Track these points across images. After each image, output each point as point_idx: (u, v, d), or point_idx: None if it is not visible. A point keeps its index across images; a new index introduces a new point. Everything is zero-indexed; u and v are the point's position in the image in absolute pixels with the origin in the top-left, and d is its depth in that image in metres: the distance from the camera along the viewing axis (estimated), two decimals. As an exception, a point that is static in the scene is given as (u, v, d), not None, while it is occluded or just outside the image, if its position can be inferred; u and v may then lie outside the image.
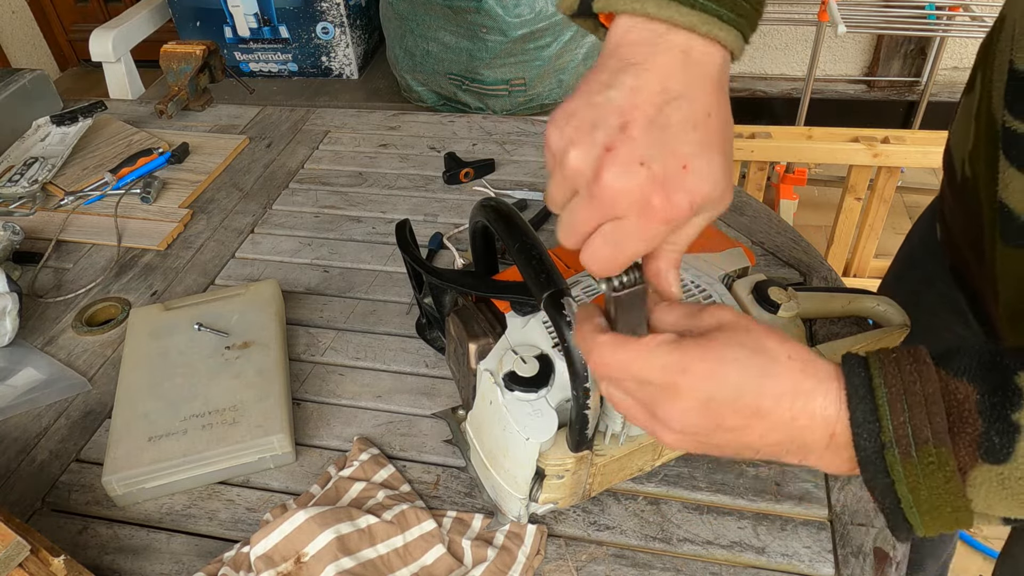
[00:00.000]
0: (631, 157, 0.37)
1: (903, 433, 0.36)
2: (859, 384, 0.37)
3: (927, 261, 0.78)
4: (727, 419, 0.39)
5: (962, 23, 2.09)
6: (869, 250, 2.02)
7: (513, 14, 1.59)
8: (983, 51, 0.60)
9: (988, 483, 0.36)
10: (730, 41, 0.39)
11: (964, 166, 0.62)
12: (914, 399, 0.36)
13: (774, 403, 0.38)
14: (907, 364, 0.37)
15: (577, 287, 0.64)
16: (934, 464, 0.36)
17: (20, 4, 3.20)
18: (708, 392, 0.39)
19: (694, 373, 0.39)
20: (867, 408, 0.37)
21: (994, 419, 0.36)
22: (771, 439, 0.40)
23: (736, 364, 0.39)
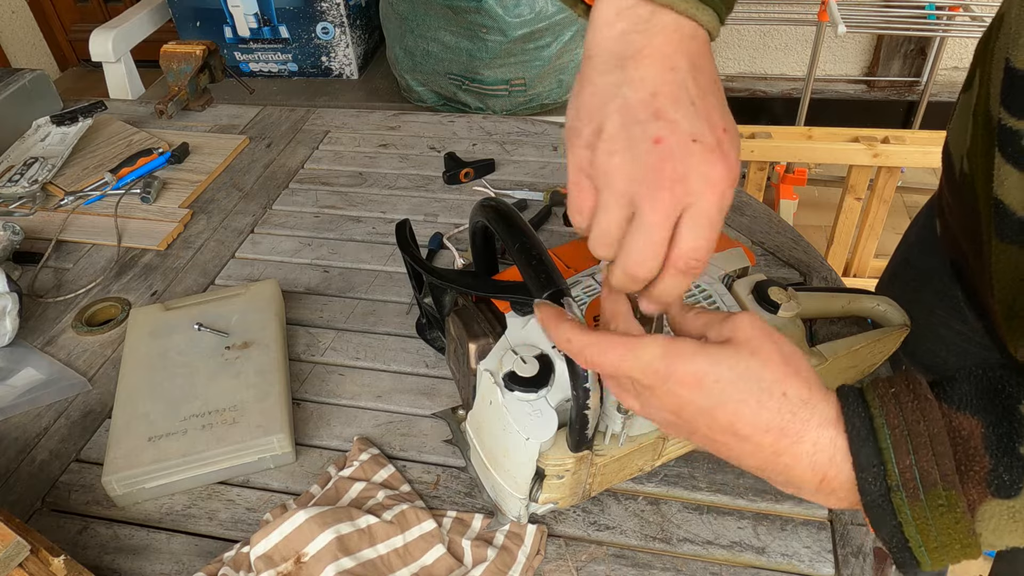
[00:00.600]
0: (684, 138, 0.37)
1: (910, 476, 0.35)
2: (860, 426, 0.37)
3: (925, 258, 0.79)
4: (700, 428, 0.39)
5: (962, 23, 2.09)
6: (869, 250, 2.02)
7: (513, 14, 1.59)
8: (981, 49, 0.60)
9: (998, 517, 0.36)
10: (706, 20, 0.39)
11: (962, 163, 0.62)
12: (919, 440, 0.35)
13: (752, 431, 0.38)
14: (908, 402, 0.36)
15: (577, 287, 0.64)
16: (944, 507, 0.35)
17: (20, 4, 3.20)
18: (684, 397, 0.39)
19: (672, 378, 0.39)
20: (870, 451, 0.36)
21: (1002, 454, 0.35)
22: (752, 463, 0.40)
23: (717, 384, 0.38)
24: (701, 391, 0.38)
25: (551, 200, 1.02)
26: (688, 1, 0.39)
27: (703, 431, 0.40)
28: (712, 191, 0.37)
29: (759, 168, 1.94)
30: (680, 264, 0.39)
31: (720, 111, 0.38)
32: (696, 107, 0.38)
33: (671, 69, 0.38)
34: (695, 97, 0.38)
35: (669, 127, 0.37)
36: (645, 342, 0.40)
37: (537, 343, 0.59)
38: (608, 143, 0.38)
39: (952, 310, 0.73)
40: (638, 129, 0.37)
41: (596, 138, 0.39)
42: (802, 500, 0.65)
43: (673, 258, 0.39)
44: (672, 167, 0.37)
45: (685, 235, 0.38)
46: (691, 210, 0.37)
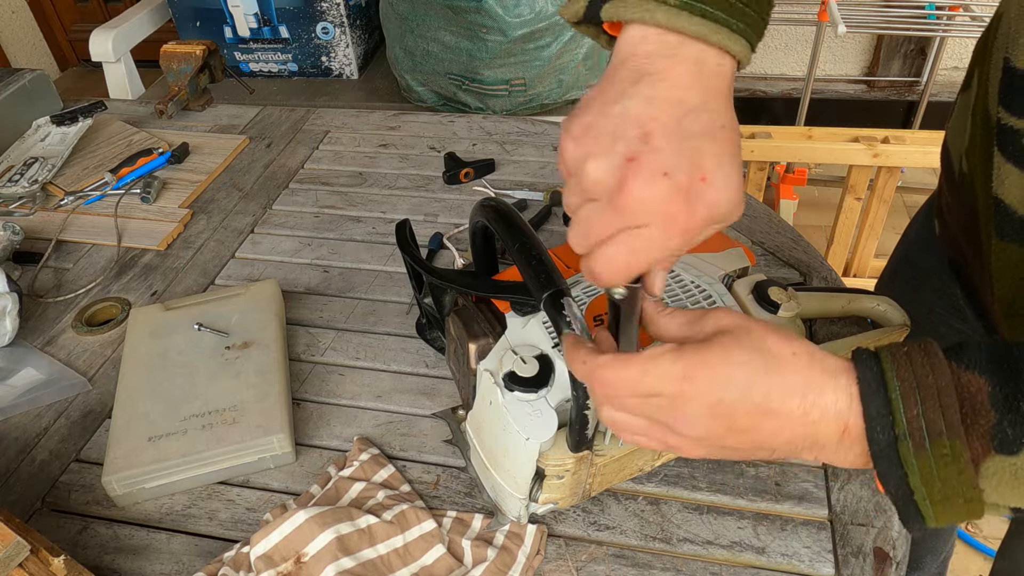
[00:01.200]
0: (656, 167, 0.37)
1: (916, 426, 0.36)
2: (871, 378, 0.38)
3: (924, 257, 0.79)
4: (738, 420, 0.39)
5: (962, 23, 2.09)
6: (869, 250, 2.02)
7: (513, 14, 1.59)
8: (980, 48, 0.60)
9: (1001, 474, 0.36)
10: (739, 51, 0.40)
11: (961, 162, 0.62)
12: (927, 392, 0.36)
13: (782, 400, 0.39)
14: (919, 357, 0.37)
15: (577, 287, 0.64)
16: (948, 456, 0.36)
17: (20, 4, 3.20)
18: (715, 395, 0.39)
19: (699, 378, 0.39)
20: (880, 401, 0.37)
21: (1007, 410, 0.36)
22: (784, 436, 0.40)
23: (740, 366, 0.39)
24: (727, 382, 0.39)
25: (551, 200, 1.02)
26: (720, 33, 0.39)
27: (740, 421, 0.39)
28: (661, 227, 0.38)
29: (759, 168, 1.94)
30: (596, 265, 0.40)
31: (713, 158, 0.38)
32: (687, 144, 0.38)
33: (679, 101, 0.38)
34: (693, 134, 0.38)
35: (649, 152, 0.37)
36: (659, 353, 0.40)
37: (537, 343, 0.59)
38: (590, 141, 0.39)
39: (952, 308, 0.73)
40: (621, 143, 0.38)
41: (583, 133, 0.39)
42: (802, 500, 0.65)
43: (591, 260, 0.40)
44: (633, 189, 0.37)
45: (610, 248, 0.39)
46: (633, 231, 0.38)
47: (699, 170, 0.38)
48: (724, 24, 0.39)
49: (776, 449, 0.41)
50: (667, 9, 0.39)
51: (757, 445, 0.41)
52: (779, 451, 0.41)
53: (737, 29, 0.40)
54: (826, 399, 0.38)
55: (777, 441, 0.40)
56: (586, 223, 0.40)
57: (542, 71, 1.69)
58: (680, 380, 0.39)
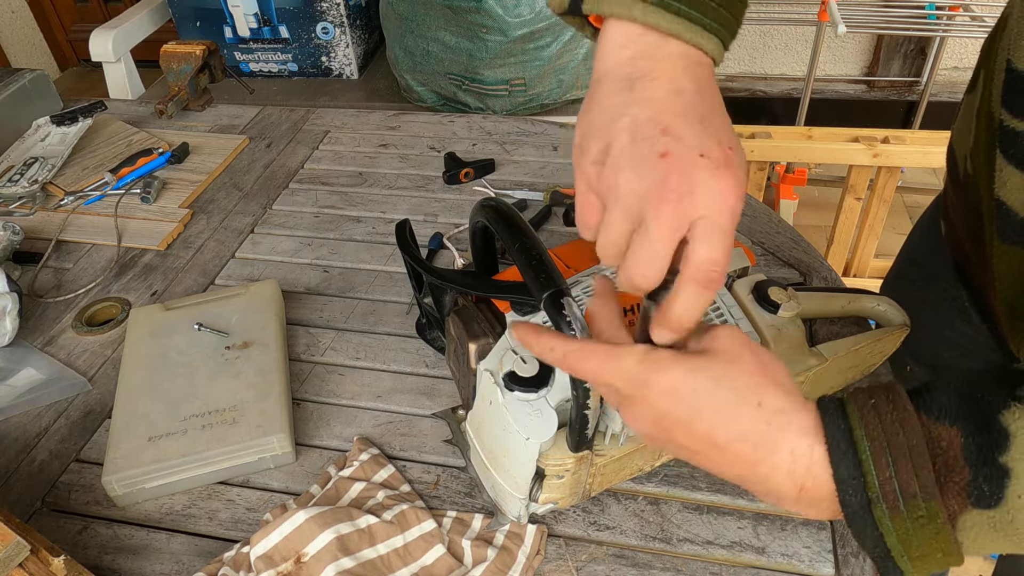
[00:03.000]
0: (690, 152, 0.37)
1: (890, 488, 0.35)
2: (840, 437, 0.37)
3: (930, 258, 0.78)
4: (678, 437, 0.40)
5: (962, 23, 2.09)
6: (869, 250, 2.02)
7: (513, 14, 1.59)
8: (986, 49, 0.60)
9: (979, 527, 0.36)
10: (711, 49, 0.40)
11: (966, 163, 0.62)
12: (898, 452, 0.35)
13: (728, 441, 0.38)
14: (887, 413, 0.36)
15: (577, 287, 0.64)
16: (924, 518, 0.35)
17: (20, 4, 3.20)
18: (661, 408, 0.39)
19: (651, 388, 0.39)
20: (850, 463, 0.36)
21: (981, 464, 0.35)
22: (732, 473, 0.40)
23: (695, 393, 0.39)
24: (678, 400, 0.39)
25: (551, 200, 1.02)
26: (693, 31, 0.39)
27: (681, 441, 0.40)
28: (722, 203, 0.37)
29: (759, 168, 1.94)
30: (700, 276, 0.38)
31: (727, 131, 0.39)
32: (704, 125, 0.38)
33: (678, 91, 0.39)
34: (703, 115, 0.39)
35: (675, 142, 0.37)
36: (624, 351, 0.40)
37: (537, 343, 0.59)
38: (615, 159, 0.38)
39: (956, 310, 0.73)
40: (645, 145, 0.37)
41: (603, 155, 0.39)
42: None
43: (691, 272, 0.38)
44: (677, 179, 0.37)
45: (698, 247, 0.38)
46: (702, 222, 0.37)
47: (724, 141, 0.38)
48: (697, 23, 0.39)
49: (728, 479, 0.41)
50: (644, 6, 0.39)
51: (705, 467, 0.41)
52: (733, 481, 0.41)
53: (710, 28, 0.40)
54: (777, 458, 0.38)
55: (725, 473, 0.40)
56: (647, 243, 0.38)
57: (542, 71, 1.69)
58: (634, 383, 0.40)
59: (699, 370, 0.39)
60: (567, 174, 1.10)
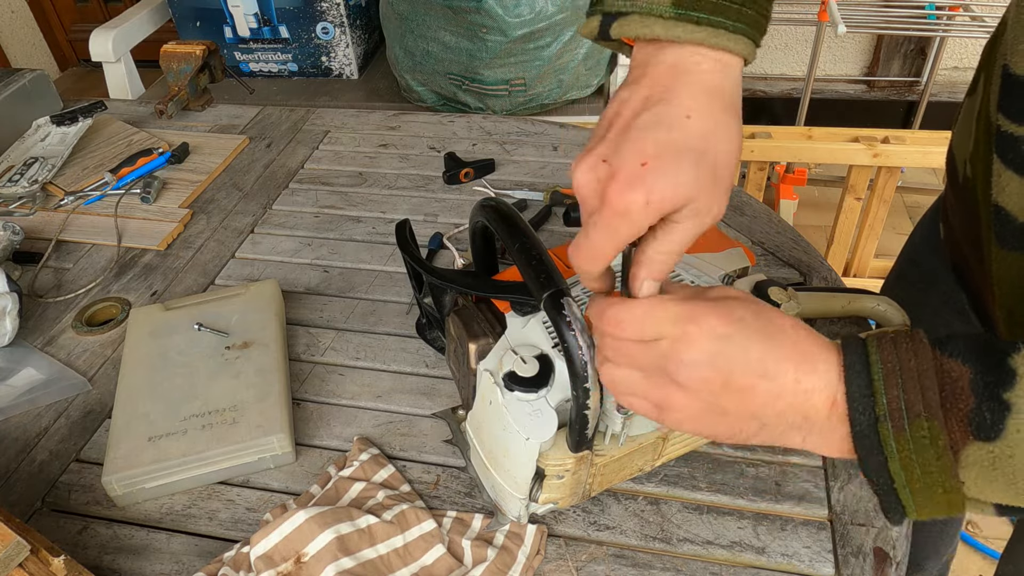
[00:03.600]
0: (597, 155, 0.41)
1: (896, 407, 0.37)
2: (856, 360, 0.39)
3: (929, 260, 0.78)
4: (735, 376, 0.40)
5: (962, 23, 2.09)
6: (869, 250, 2.02)
7: (513, 14, 1.59)
8: (987, 52, 0.60)
9: (979, 463, 0.37)
10: (741, 49, 0.42)
11: (965, 167, 0.62)
12: (908, 374, 0.37)
13: (778, 365, 0.40)
14: (904, 343, 0.38)
15: (577, 287, 0.64)
16: (926, 439, 0.37)
17: (20, 4, 3.20)
18: (716, 344, 0.40)
19: (703, 323, 0.40)
20: (863, 382, 0.38)
21: (986, 396, 0.36)
22: (776, 406, 0.40)
23: (742, 323, 0.40)
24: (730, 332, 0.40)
25: (551, 200, 1.02)
26: (717, 36, 0.41)
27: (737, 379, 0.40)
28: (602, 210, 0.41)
29: (759, 168, 1.94)
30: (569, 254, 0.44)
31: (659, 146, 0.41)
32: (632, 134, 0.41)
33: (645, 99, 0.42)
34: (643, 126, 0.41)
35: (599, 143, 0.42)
36: (666, 298, 0.42)
37: (537, 343, 0.59)
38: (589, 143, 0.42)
39: (957, 313, 0.73)
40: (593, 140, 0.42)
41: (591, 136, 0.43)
42: (802, 500, 0.65)
43: None
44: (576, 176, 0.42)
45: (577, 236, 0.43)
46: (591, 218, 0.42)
47: (640, 157, 0.39)
48: (720, 27, 0.41)
49: (766, 423, 0.41)
50: (664, 22, 0.41)
51: (750, 413, 0.41)
52: (769, 426, 0.41)
53: (735, 29, 0.41)
54: (817, 371, 0.39)
55: (769, 411, 0.40)
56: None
57: (542, 71, 1.69)
58: (685, 321, 0.40)
59: (734, 306, 0.41)
60: (567, 174, 1.10)
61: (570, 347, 0.48)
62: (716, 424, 0.42)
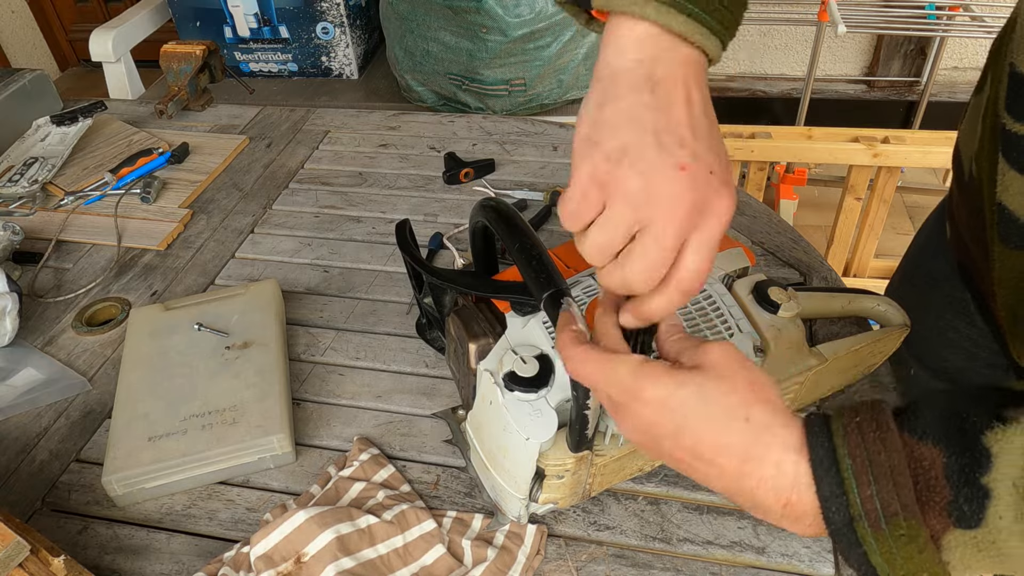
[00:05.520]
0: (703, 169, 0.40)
1: (871, 507, 0.35)
2: (824, 456, 0.37)
3: (934, 261, 0.78)
4: (665, 448, 0.41)
5: (962, 23, 2.10)
6: (869, 250, 2.02)
7: (513, 14, 1.59)
8: (994, 50, 0.60)
9: (963, 547, 0.36)
10: (711, 49, 0.41)
11: (971, 165, 0.62)
12: (880, 470, 0.36)
13: (715, 454, 0.39)
14: (870, 432, 0.37)
15: (577, 287, 0.64)
16: (905, 536, 0.35)
17: (20, 4, 3.20)
18: (649, 419, 0.41)
19: (640, 399, 0.40)
20: (833, 481, 0.36)
21: (962, 484, 0.35)
22: (719, 485, 0.40)
23: (683, 406, 0.39)
24: (666, 412, 0.40)
25: (551, 200, 1.02)
26: (702, 33, 0.40)
27: (668, 451, 0.41)
28: (719, 221, 0.39)
29: (759, 168, 1.94)
30: (684, 284, 0.40)
31: (722, 144, 0.41)
32: (710, 140, 0.40)
33: (690, 101, 0.40)
34: (709, 129, 0.40)
35: (692, 157, 0.39)
36: (619, 360, 0.42)
37: (537, 343, 0.59)
38: (634, 161, 0.39)
39: (961, 314, 0.73)
40: (665, 155, 0.39)
41: (621, 153, 0.39)
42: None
43: (677, 278, 0.40)
44: (693, 196, 0.38)
45: (691, 258, 0.40)
46: (698, 235, 0.39)
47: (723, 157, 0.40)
48: (705, 24, 0.40)
49: (716, 490, 0.41)
50: (657, 5, 0.40)
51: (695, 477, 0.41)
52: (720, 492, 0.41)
53: (715, 30, 0.41)
54: (764, 471, 0.38)
55: (714, 485, 0.41)
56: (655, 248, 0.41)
57: (542, 71, 1.69)
58: (626, 392, 0.41)
59: (688, 384, 0.40)
60: (567, 174, 1.10)
61: (570, 347, 0.48)
62: (677, 467, 0.43)
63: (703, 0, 0.40)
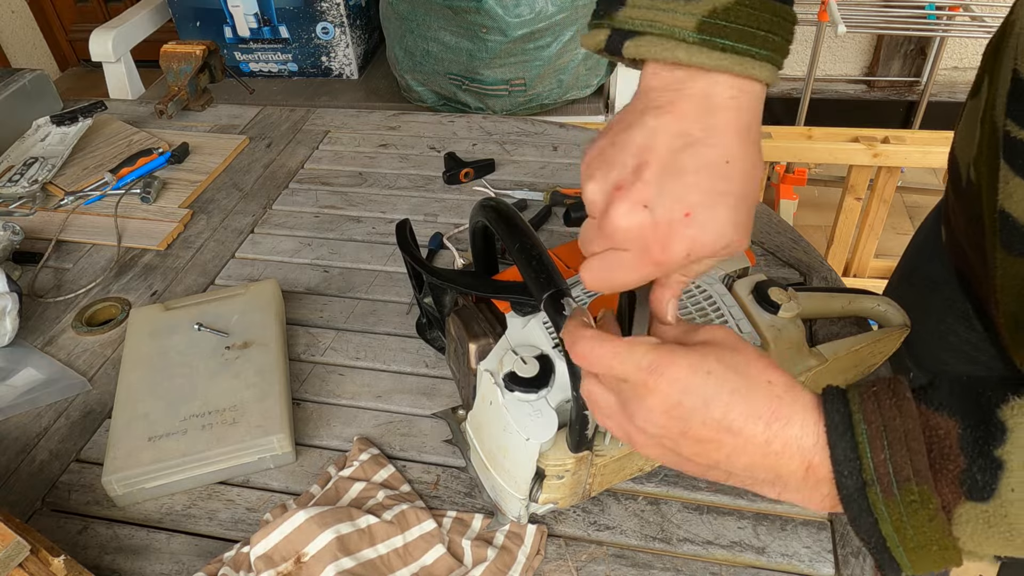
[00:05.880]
0: (637, 198, 0.39)
1: (884, 471, 0.36)
2: (839, 420, 0.37)
3: (931, 265, 0.78)
4: (693, 428, 0.39)
5: (962, 23, 2.09)
6: (869, 250, 2.02)
7: (513, 14, 1.59)
8: (990, 53, 0.59)
9: (974, 522, 0.36)
10: (766, 76, 0.40)
11: (969, 170, 0.61)
12: (894, 435, 0.36)
13: (744, 422, 0.38)
14: (887, 399, 0.37)
15: (577, 287, 0.64)
16: (916, 503, 0.35)
17: (20, 4, 3.20)
18: (675, 396, 0.39)
19: (665, 375, 0.39)
20: (847, 445, 0.36)
21: (976, 455, 0.35)
22: (742, 461, 0.39)
23: (709, 376, 0.39)
24: (691, 386, 0.39)
25: (551, 200, 1.02)
26: (743, 63, 0.39)
27: (696, 430, 0.39)
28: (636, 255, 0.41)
29: (759, 168, 1.94)
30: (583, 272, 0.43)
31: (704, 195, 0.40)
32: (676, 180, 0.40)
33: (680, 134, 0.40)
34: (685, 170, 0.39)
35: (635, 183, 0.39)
36: (637, 342, 0.41)
37: (537, 343, 0.59)
38: (596, 166, 0.41)
39: (960, 317, 0.72)
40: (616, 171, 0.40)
41: (594, 156, 0.41)
42: (802, 500, 0.65)
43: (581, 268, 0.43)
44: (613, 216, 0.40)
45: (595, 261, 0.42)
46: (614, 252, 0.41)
47: (683, 206, 0.38)
48: (746, 55, 0.39)
49: (733, 472, 0.40)
50: (687, 47, 0.39)
51: (713, 462, 0.40)
52: (736, 476, 0.41)
53: (761, 56, 0.39)
54: (790, 432, 0.38)
55: (735, 464, 0.40)
56: (584, 233, 0.42)
57: (542, 71, 1.69)
58: (647, 371, 0.39)
59: (708, 356, 0.40)
60: (567, 174, 1.10)
61: (570, 347, 0.48)
62: (681, 465, 0.42)
63: (742, 34, 0.39)
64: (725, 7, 0.39)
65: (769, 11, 0.40)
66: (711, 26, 0.39)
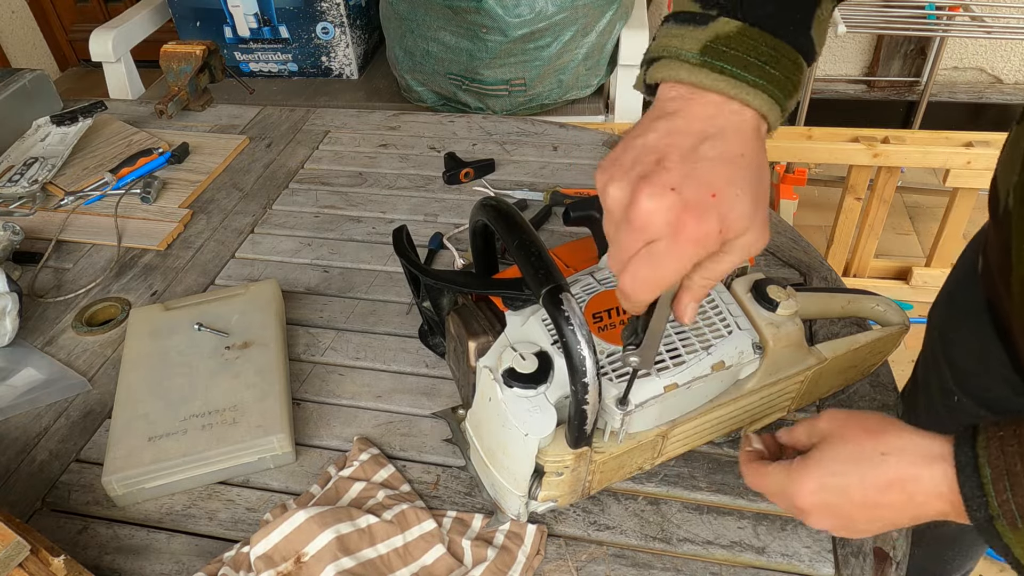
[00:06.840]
0: (663, 183, 0.40)
1: (1007, 508, 0.41)
2: (965, 463, 0.43)
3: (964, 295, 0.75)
4: (853, 513, 0.48)
5: (962, 23, 2.09)
6: (869, 250, 2.02)
7: (513, 14, 1.59)
8: None
9: None
10: (760, 105, 0.42)
11: (1008, 197, 0.60)
12: (1016, 479, 0.41)
13: (883, 494, 0.46)
14: (1012, 444, 0.42)
15: (576, 285, 0.64)
16: None
17: (20, 4, 3.20)
18: (822, 500, 0.48)
19: (803, 494, 0.48)
20: (974, 485, 0.43)
21: None
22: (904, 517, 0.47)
23: (835, 477, 0.47)
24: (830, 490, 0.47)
25: (551, 200, 1.02)
26: (737, 87, 0.42)
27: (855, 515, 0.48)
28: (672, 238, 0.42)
29: (759, 168, 1.94)
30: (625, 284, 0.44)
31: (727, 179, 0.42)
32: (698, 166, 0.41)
33: (696, 132, 0.42)
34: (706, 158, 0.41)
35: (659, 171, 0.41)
36: (770, 470, 0.51)
37: (536, 340, 0.59)
38: (616, 170, 0.42)
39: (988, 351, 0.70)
40: (638, 167, 0.42)
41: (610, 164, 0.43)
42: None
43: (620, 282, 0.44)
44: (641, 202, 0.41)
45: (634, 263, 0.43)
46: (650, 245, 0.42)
47: (709, 188, 0.40)
48: (741, 80, 0.42)
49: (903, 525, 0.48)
50: (689, 68, 0.43)
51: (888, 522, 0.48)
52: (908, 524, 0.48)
53: (757, 84, 0.42)
54: (923, 486, 0.45)
55: (900, 521, 0.47)
56: (615, 244, 0.43)
57: (542, 71, 1.69)
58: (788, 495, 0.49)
59: (826, 457, 0.48)
60: (567, 174, 1.10)
61: (569, 343, 0.48)
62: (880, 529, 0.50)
63: (739, 61, 0.42)
64: (728, 34, 0.42)
65: (769, 45, 0.42)
66: (713, 50, 0.42)
